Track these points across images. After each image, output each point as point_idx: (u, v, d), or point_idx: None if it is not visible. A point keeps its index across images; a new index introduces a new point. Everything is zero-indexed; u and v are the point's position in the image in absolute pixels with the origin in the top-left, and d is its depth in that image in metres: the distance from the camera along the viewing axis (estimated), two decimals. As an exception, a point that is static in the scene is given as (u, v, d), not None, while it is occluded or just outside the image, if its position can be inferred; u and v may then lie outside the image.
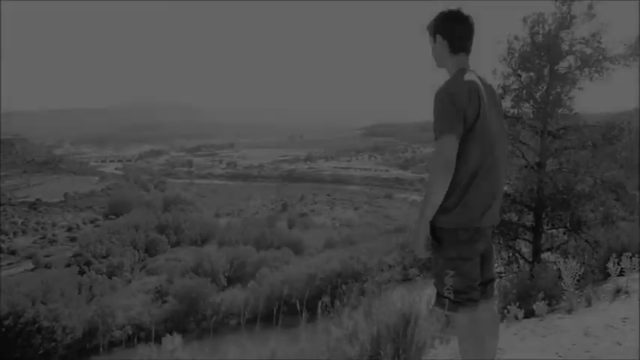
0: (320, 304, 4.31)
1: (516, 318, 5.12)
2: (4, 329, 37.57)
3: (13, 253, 67.28)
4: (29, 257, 64.38)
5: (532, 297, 5.99)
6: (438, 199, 2.72)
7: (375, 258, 51.27)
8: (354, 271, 46.32)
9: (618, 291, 5.57)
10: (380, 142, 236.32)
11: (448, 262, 2.83)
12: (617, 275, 5.73)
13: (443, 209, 2.79)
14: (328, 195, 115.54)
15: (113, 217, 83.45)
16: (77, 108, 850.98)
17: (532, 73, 11.01)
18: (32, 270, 58.59)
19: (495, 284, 3.22)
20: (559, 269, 5.94)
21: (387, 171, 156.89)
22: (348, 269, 46.26)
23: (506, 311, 5.27)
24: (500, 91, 11.21)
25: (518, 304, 5.29)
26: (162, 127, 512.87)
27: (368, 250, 53.56)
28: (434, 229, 2.88)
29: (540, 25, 10.79)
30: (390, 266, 50.73)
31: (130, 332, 39.43)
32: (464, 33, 2.90)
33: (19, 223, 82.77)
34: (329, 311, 4.25)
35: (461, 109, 2.67)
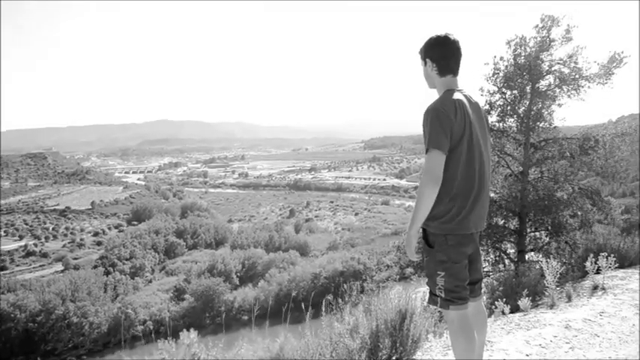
0: (324, 301, 4.31)
1: (503, 313, 5.10)
2: (36, 325, 37.63)
3: (44, 255, 67.33)
4: (59, 259, 64.36)
5: (517, 294, 5.98)
6: (426, 208, 2.72)
7: (374, 259, 51.19)
8: (355, 271, 46.26)
9: (595, 287, 5.56)
10: (378, 153, 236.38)
11: (439, 265, 2.84)
12: (595, 273, 5.73)
13: (433, 216, 2.80)
14: (331, 202, 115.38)
15: (136, 222, 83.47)
16: (102, 124, 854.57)
17: (515, 91, 11.05)
18: (62, 271, 58.56)
19: (483, 283, 3.22)
20: (541, 268, 5.93)
21: (384, 180, 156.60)
22: (349, 269, 46.21)
23: (493, 307, 5.25)
24: (486, 107, 11.25)
25: (504, 300, 5.27)
26: (180, 141, 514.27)
27: (367, 252, 53.50)
28: (426, 234, 2.90)
29: (522, 48, 10.84)
30: (387, 266, 50.62)
31: (151, 327, 39.40)
32: (451, 56, 2.90)
33: (50, 229, 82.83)
34: (332, 308, 4.25)
35: (447, 126, 2.68)
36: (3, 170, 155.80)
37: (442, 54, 2.91)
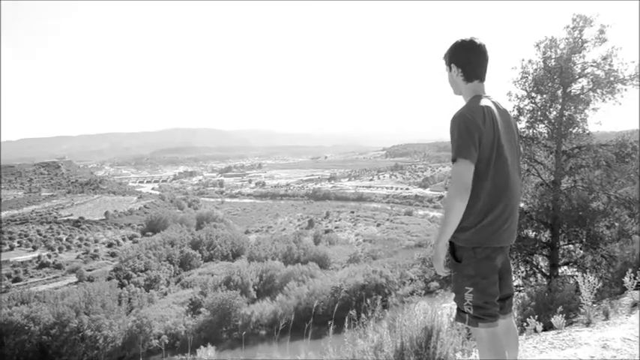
0: (347, 317, 4.28)
1: (535, 331, 5.01)
2: (50, 338, 38.13)
3: (58, 267, 68.21)
4: (73, 271, 65.18)
5: (550, 310, 5.88)
6: (455, 220, 2.69)
7: (396, 272, 50.90)
8: (377, 285, 46.02)
9: (635, 305, 5.43)
10: (400, 161, 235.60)
11: (467, 280, 2.80)
12: (634, 289, 5.60)
13: (462, 229, 2.77)
14: (352, 212, 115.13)
15: (150, 233, 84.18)
16: (114, 132, 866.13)
17: (546, 95, 10.91)
18: (76, 283, 59.27)
19: (514, 299, 3.17)
20: (576, 283, 5.82)
21: (407, 189, 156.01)
22: (371, 283, 45.98)
23: (525, 324, 5.16)
24: (515, 112, 11.14)
25: (536, 317, 5.18)
26: (195, 149, 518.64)
27: (390, 265, 53.21)
28: (454, 247, 2.86)
29: (552, 50, 10.72)
30: (411, 280, 50.29)
31: (167, 341, 39.63)
32: (477, 61, 2.89)
33: (64, 240, 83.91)
34: (355, 323, 4.22)
35: (476, 134, 2.66)
36: (16, 180, 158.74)
37: (468, 59, 2.89)
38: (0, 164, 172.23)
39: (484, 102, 2.80)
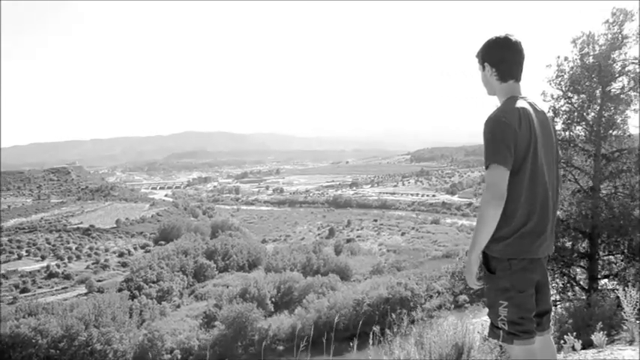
0: (371, 332, 4.24)
1: (574, 349, 4.93)
2: (58, 351, 38.53)
3: (67, 277, 69.09)
4: (83, 282, 65.96)
5: (590, 327, 5.78)
6: (489, 230, 2.66)
7: (423, 284, 50.59)
8: (401, 298, 45.76)
9: (683, 321, 5.31)
10: (426, 166, 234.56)
11: (502, 293, 2.76)
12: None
13: (496, 239, 2.72)
14: (375, 220, 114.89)
15: (163, 242, 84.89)
16: (127, 137, 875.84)
17: (583, 95, 10.77)
18: (85, 294, 59.95)
19: (551, 314, 3.12)
20: (618, 297, 5.72)
21: (433, 196, 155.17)
22: (395, 295, 45.74)
23: (562, 342, 5.08)
24: (550, 113, 11.01)
25: (575, 334, 5.09)
26: (209, 154, 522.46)
27: (416, 277, 52.92)
28: (487, 258, 2.83)
29: (590, 46, 10.57)
30: (438, 293, 49.94)
31: (179, 357, 39.82)
32: (512, 60, 2.86)
33: (74, 249, 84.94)
34: (379, 339, 4.18)
35: (511, 138, 2.63)
36: (25, 186, 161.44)
37: (502, 57, 2.86)
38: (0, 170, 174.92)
39: (520, 103, 2.76)
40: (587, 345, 5.15)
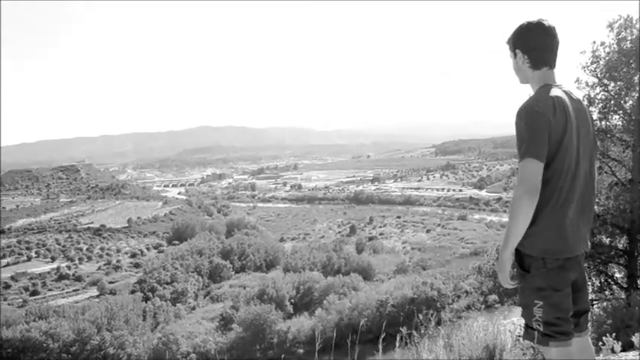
0: (398, 335, 4.25)
1: (613, 351, 4.89)
2: (70, 356, 39.01)
3: (78, 279, 69.85)
4: (94, 283, 66.65)
5: (630, 327, 5.73)
6: (522, 226, 2.64)
7: (450, 284, 50.41)
8: (427, 298, 45.61)
9: None
10: (452, 159, 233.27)
11: (537, 293, 2.75)
12: None
13: (529, 235, 2.71)
14: (398, 217, 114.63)
15: (177, 242, 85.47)
16: (138, 132, 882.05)
17: (620, 82, 10.63)
18: (97, 296, 60.58)
19: (589, 315, 3.10)
20: (659, 296, 5.66)
21: (460, 191, 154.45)
22: (421, 296, 45.62)
23: (601, 343, 5.04)
24: (585, 102, 10.87)
25: (614, 335, 5.05)
26: (224, 149, 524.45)
27: (442, 276, 52.73)
28: (521, 256, 2.81)
29: (628, 31, 10.42)
30: (466, 292, 49.73)
31: (195, 361, 40.09)
32: (545, 46, 2.83)
33: (84, 250, 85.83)
34: (406, 342, 4.19)
35: (545, 129, 2.61)
36: (33, 185, 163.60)
37: (535, 43, 2.84)
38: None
39: (554, 92, 2.74)
40: (627, 347, 5.11)
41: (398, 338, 4.10)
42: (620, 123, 10.86)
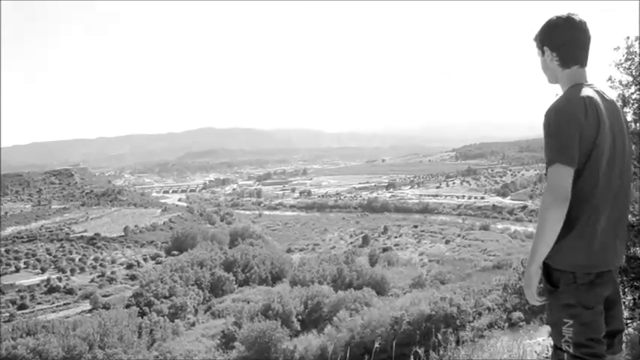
0: (413, 354, 4.20)
1: (649, 375, 4.82)
2: (60, 376, 39.03)
3: (69, 292, 70.09)
4: (87, 297, 66.83)
5: (668, 349, 5.65)
6: (551, 237, 2.60)
7: (470, 299, 50.15)
8: (446, 315, 45.41)
9: None
10: (474, 164, 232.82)
11: (566, 310, 2.70)
12: None
13: (559, 248, 2.67)
14: (415, 227, 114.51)
15: (176, 252, 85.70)
16: (136, 134, 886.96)
17: (657, 80, 10.53)
18: (90, 311, 60.82)
19: (623, 335, 3.05)
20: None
21: (482, 198, 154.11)
22: (439, 312, 45.40)
23: (636, 366, 4.97)
24: (619, 102, 10.79)
25: (651, 357, 4.98)
26: (228, 153, 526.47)
27: (462, 291, 52.50)
28: (549, 270, 2.77)
29: (666, 24, 10.33)
30: (489, 309, 49.44)
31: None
32: (576, 43, 2.80)
33: (77, 260, 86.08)
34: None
35: (576, 131, 2.57)
36: (24, 190, 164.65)
37: (564, 40, 2.81)
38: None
39: (586, 91, 2.70)
40: (666, 371, 5.03)
41: (412, 358, 4.05)
42: (657, 125, 10.74)
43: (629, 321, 10.38)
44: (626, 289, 11.00)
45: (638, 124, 10.90)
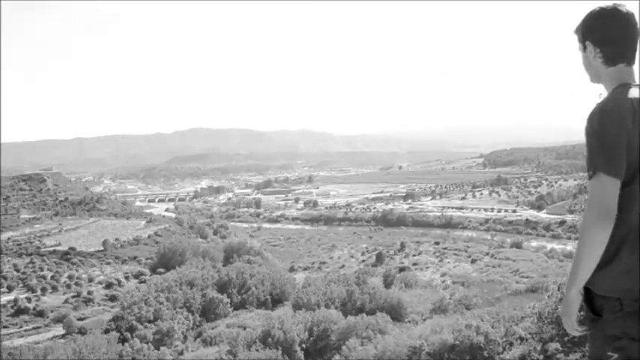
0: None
1: None
2: (28, 411, 39.06)
3: (40, 314, 69.97)
4: (60, 320, 66.68)
5: None
6: (594, 259, 2.57)
7: (500, 327, 49.93)
8: (472, 345, 45.11)
9: None
10: (504, 172, 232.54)
11: (611, 342, 2.67)
12: None
13: (602, 271, 2.64)
14: (436, 243, 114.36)
15: (162, 270, 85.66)
16: (118, 135, 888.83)
17: None
18: (63, 336, 60.79)
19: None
20: None
21: (514, 212, 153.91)
22: (464, 342, 45.09)
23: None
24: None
25: None
26: (223, 157, 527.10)
27: (491, 317, 52.27)
28: (591, 296, 2.74)
29: None
30: (521, 339, 49.16)
31: (182, 419, 40.07)
32: (622, 38, 2.78)
33: (49, 278, 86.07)
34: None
35: (622, 138, 2.54)
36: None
37: (608, 34, 2.78)
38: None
39: (633, 93, 2.67)
40: None
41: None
42: None
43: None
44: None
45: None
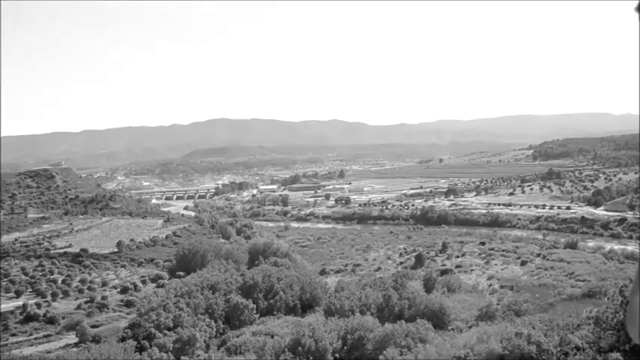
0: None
1: None
2: None
3: (51, 321, 70.43)
4: (72, 327, 67.14)
5: None
6: None
7: (553, 336, 49.64)
8: (522, 355, 45.03)
9: None
10: (556, 165, 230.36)
11: None
12: None
13: None
14: (482, 243, 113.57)
15: (182, 273, 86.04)
16: (132, 127, 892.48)
17: None
18: (76, 345, 61.25)
19: None
20: None
21: (568, 208, 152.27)
22: (514, 351, 45.04)
23: None
24: None
25: None
26: (246, 150, 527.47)
27: (543, 325, 51.98)
28: None
29: None
30: (577, 349, 48.84)
31: None
32: None
33: (59, 282, 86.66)
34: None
35: None
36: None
37: None
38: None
39: None
40: None
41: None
42: None
43: None
44: None
45: None
